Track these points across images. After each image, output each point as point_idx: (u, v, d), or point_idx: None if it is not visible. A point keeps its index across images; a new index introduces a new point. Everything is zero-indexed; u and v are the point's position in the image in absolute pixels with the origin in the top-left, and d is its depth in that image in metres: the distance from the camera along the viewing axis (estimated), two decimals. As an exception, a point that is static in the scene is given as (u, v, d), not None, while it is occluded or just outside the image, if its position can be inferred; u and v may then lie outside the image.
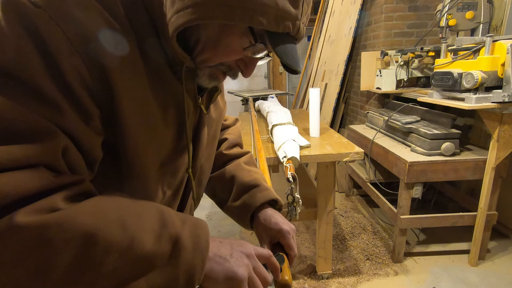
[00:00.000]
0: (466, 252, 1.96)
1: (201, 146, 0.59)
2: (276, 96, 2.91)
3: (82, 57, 0.38)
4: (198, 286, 0.43)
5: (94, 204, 0.37)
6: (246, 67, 0.51)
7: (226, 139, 0.79)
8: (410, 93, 2.29)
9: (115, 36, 0.41)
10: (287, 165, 1.27)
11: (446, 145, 1.75)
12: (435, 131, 1.80)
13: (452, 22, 1.87)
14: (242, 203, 0.68)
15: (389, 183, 2.35)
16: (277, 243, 0.64)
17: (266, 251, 0.50)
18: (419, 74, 2.41)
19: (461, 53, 1.68)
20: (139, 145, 0.46)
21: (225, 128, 0.82)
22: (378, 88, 2.56)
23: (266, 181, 0.73)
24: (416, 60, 2.37)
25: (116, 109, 0.42)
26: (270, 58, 0.53)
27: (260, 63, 0.52)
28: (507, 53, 1.46)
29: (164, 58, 0.47)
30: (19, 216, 0.31)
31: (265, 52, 0.49)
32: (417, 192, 1.81)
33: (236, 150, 0.78)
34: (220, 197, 0.74)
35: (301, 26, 0.46)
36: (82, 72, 0.38)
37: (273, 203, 0.70)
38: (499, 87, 1.53)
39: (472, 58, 1.64)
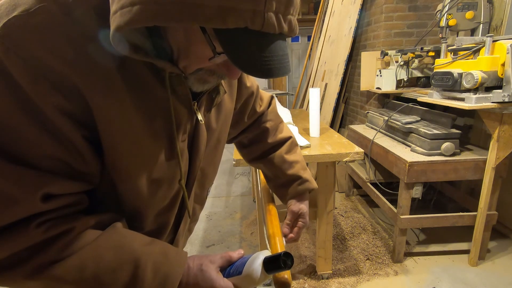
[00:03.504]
0: (466, 252, 1.96)
1: (198, 153, 0.58)
2: (276, 96, 2.91)
3: (51, 81, 0.38)
4: None
5: (75, 263, 0.42)
6: (228, 69, 0.46)
7: (267, 128, 0.82)
8: (410, 93, 2.29)
9: (79, 52, 0.39)
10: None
11: (446, 145, 1.75)
12: (435, 131, 1.80)
13: (452, 22, 1.87)
14: (285, 192, 0.82)
15: (389, 183, 2.35)
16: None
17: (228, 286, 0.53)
18: (419, 74, 2.41)
19: (461, 53, 1.68)
20: (122, 158, 0.46)
21: (260, 115, 0.82)
22: (378, 88, 2.56)
23: (305, 167, 0.84)
24: (416, 60, 2.37)
25: (95, 123, 0.42)
26: None
27: None
28: (507, 53, 1.46)
29: (147, 65, 0.45)
30: (25, 271, 0.40)
31: None
32: (417, 192, 1.81)
33: (278, 137, 0.83)
34: (266, 175, 0.88)
35: (267, 16, 0.36)
36: (55, 97, 0.39)
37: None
38: (499, 87, 1.53)
39: (472, 58, 1.64)
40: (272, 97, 0.86)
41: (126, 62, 0.43)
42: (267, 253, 0.56)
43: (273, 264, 0.53)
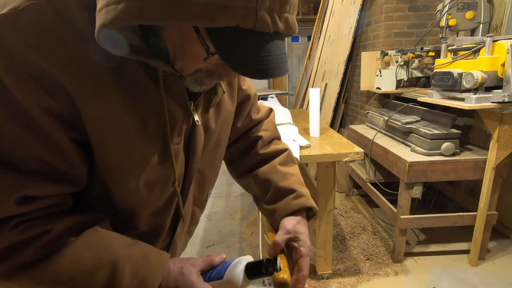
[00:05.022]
0: (466, 252, 1.96)
1: (195, 155, 0.56)
2: (276, 96, 2.91)
3: (37, 80, 0.37)
4: None
5: (52, 265, 0.42)
6: (225, 70, 0.45)
7: (260, 137, 0.73)
8: (410, 93, 2.29)
9: (68, 51, 0.39)
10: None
11: (446, 145, 1.75)
12: (435, 131, 1.80)
13: (452, 22, 1.87)
14: (276, 208, 0.67)
15: (389, 183, 2.35)
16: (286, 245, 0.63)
17: None
18: (419, 74, 2.41)
19: (461, 53, 1.68)
20: (113, 159, 0.45)
21: (258, 123, 0.76)
22: (378, 88, 2.56)
23: (302, 183, 0.70)
24: (416, 60, 2.37)
25: (84, 124, 0.41)
26: None
27: None
28: (507, 53, 1.46)
29: (140, 65, 0.44)
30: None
31: None
32: (417, 192, 1.81)
33: (272, 148, 0.73)
34: (255, 195, 0.74)
35: (260, 14, 0.35)
36: (40, 97, 0.38)
37: (308, 209, 0.69)
38: (499, 87, 1.53)
39: (472, 58, 1.64)
40: (271, 110, 0.80)
41: (118, 61, 0.42)
42: (249, 258, 0.55)
43: (255, 270, 0.53)
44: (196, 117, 0.53)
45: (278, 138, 0.78)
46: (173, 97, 0.49)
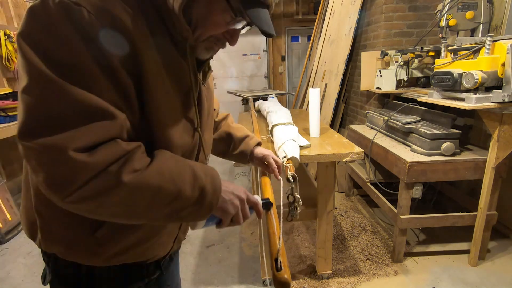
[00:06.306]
0: (466, 252, 1.96)
1: (204, 113, 0.71)
2: (276, 96, 2.91)
3: (117, 38, 0.50)
4: None
5: (155, 169, 0.53)
6: (231, 37, 0.62)
7: (214, 109, 0.96)
8: (410, 93, 2.29)
9: (129, 18, 0.51)
10: (287, 165, 1.27)
11: (446, 145, 1.75)
12: (435, 131, 1.80)
13: (452, 22, 1.87)
14: (240, 150, 0.99)
15: (389, 183, 2.35)
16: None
17: (254, 199, 0.70)
18: (419, 74, 2.41)
19: (461, 53, 1.68)
20: (157, 108, 0.56)
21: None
22: (378, 88, 2.56)
23: (249, 131, 1.04)
24: (416, 60, 2.37)
25: (142, 73, 0.53)
26: (250, 28, 0.63)
27: (242, 31, 0.63)
28: (507, 53, 1.46)
29: (169, 37, 0.58)
30: (124, 176, 0.48)
31: (245, 22, 0.59)
32: (417, 192, 1.81)
33: (220, 115, 1.03)
34: (220, 150, 1.02)
35: None
36: (116, 49, 0.49)
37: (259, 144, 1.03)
38: (499, 87, 1.53)
39: (472, 58, 1.64)
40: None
41: (154, 30, 0.55)
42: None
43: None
44: (203, 84, 0.69)
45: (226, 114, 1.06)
46: (188, 65, 0.62)
